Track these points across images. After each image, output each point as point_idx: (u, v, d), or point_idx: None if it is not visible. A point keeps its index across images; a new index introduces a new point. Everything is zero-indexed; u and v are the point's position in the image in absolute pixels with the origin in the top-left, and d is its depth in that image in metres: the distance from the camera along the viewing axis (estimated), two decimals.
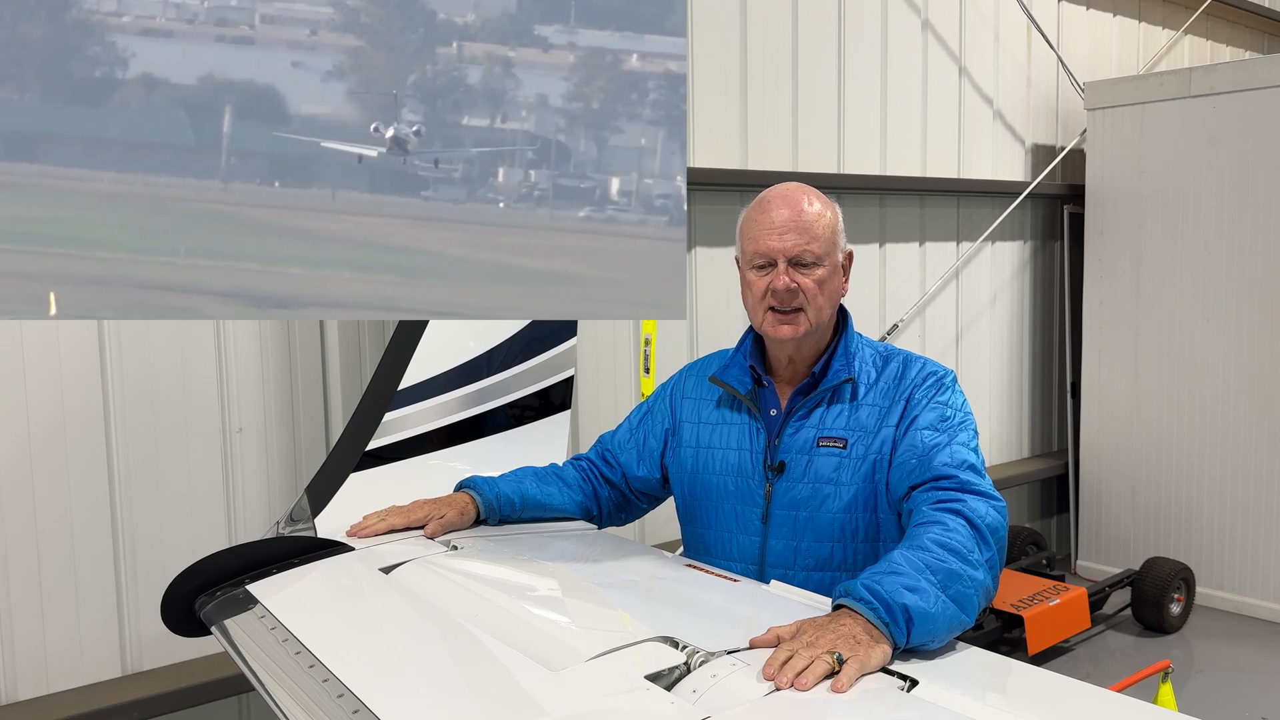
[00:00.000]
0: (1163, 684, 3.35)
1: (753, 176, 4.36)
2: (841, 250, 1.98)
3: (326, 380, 3.41)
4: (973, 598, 1.58)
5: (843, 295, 2.01)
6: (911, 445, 1.87)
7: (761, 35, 4.54)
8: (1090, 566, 5.85)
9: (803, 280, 1.91)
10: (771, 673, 1.35)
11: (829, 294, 1.95)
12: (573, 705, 1.32)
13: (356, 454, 2.32)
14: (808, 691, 1.33)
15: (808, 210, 1.92)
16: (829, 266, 1.93)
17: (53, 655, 2.93)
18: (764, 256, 1.92)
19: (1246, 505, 5.28)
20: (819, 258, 1.91)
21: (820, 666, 1.36)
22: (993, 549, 1.69)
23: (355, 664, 1.50)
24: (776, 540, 1.98)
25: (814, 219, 1.92)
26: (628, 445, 2.26)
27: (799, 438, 1.98)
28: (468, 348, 2.49)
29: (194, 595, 1.93)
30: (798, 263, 1.91)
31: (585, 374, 4.02)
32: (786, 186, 1.98)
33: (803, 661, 1.36)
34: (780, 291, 1.90)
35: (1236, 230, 5.20)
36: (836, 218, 1.97)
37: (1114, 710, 1.33)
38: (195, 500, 3.15)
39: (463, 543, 2.05)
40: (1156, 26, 6.78)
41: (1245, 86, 5.14)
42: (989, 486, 1.79)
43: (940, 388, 1.94)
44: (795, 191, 1.96)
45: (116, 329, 2.98)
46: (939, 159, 5.42)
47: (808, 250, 1.90)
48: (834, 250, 1.95)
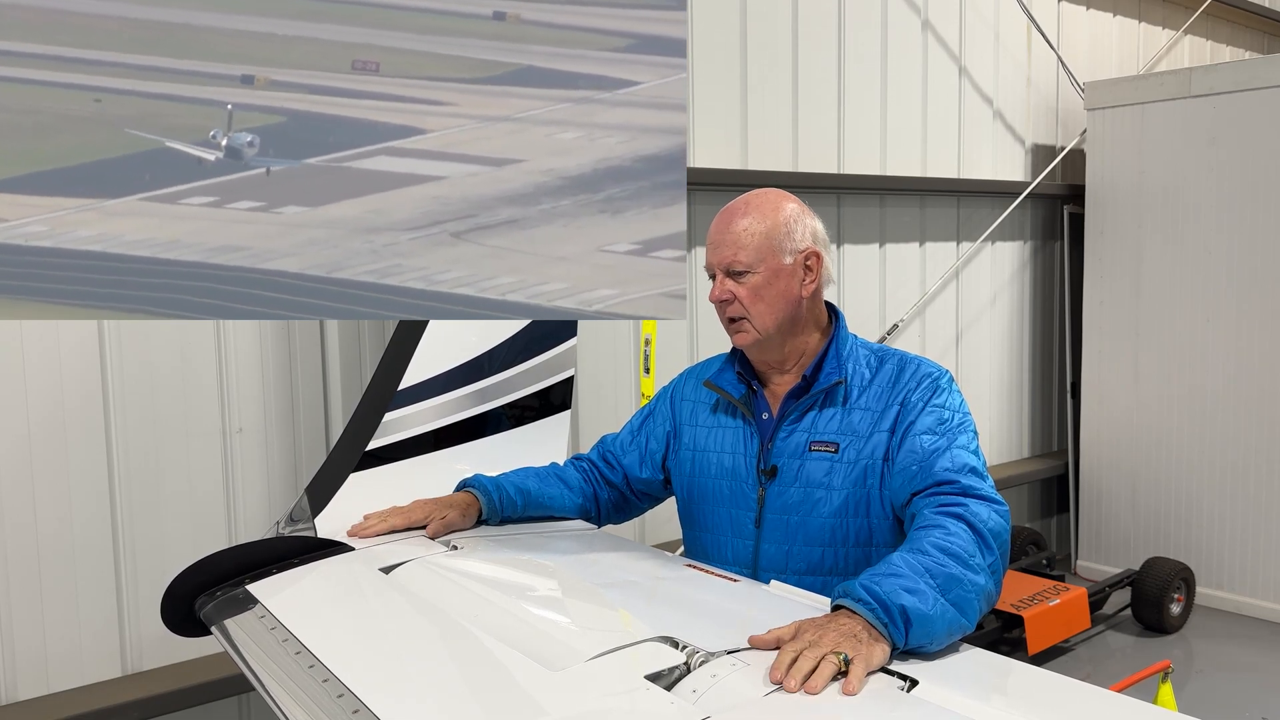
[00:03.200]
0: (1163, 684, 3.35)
1: (753, 177, 4.36)
2: (789, 254, 1.95)
3: (326, 380, 3.41)
4: (973, 602, 1.58)
5: (801, 297, 1.98)
6: (911, 451, 1.86)
7: (761, 35, 4.55)
8: (1090, 566, 5.86)
9: (737, 289, 1.96)
10: (779, 676, 1.35)
11: (771, 299, 1.95)
12: (573, 705, 1.32)
13: (356, 454, 2.32)
14: (818, 694, 1.32)
15: (737, 224, 1.96)
16: (764, 273, 1.94)
17: (53, 655, 2.93)
18: (710, 268, 2.02)
19: (1246, 505, 5.28)
20: (749, 265, 1.94)
21: (828, 668, 1.35)
22: (995, 554, 1.68)
23: (355, 664, 1.50)
24: (769, 544, 1.98)
25: (740, 231, 1.95)
26: (630, 447, 2.27)
27: (791, 441, 1.98)
28: (468, 348, 2.49)
29: (194, 595, 1.93)
30: (731, 273, 1.97)
31: (585, 374, 4.02)
32: (741, 196, 2.02)
33: (809, 663, 1.36)
34: (715, 302, 2.00)
35: (1236, 230, 5.20)
36: (776, 225, 1.95)
37: (1114, 710, 1.33)
38: (195, 500, 3.15)
39: (463, 543, 2.05)
40: (1156, 26, 6.79)
41: (1245, 86, 5.14)
42: (991, 489, 1.79)
43: (936, 389, 1.93)
44: (738, 203, 2.01)
45: (116, 329, 2.98)
46: (939, 159, 5.42)
47: (736, 260, 1.95)
48: (769, 255, 1.94)
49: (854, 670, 1.36)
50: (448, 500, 2.15)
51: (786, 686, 1.33)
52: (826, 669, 1.35)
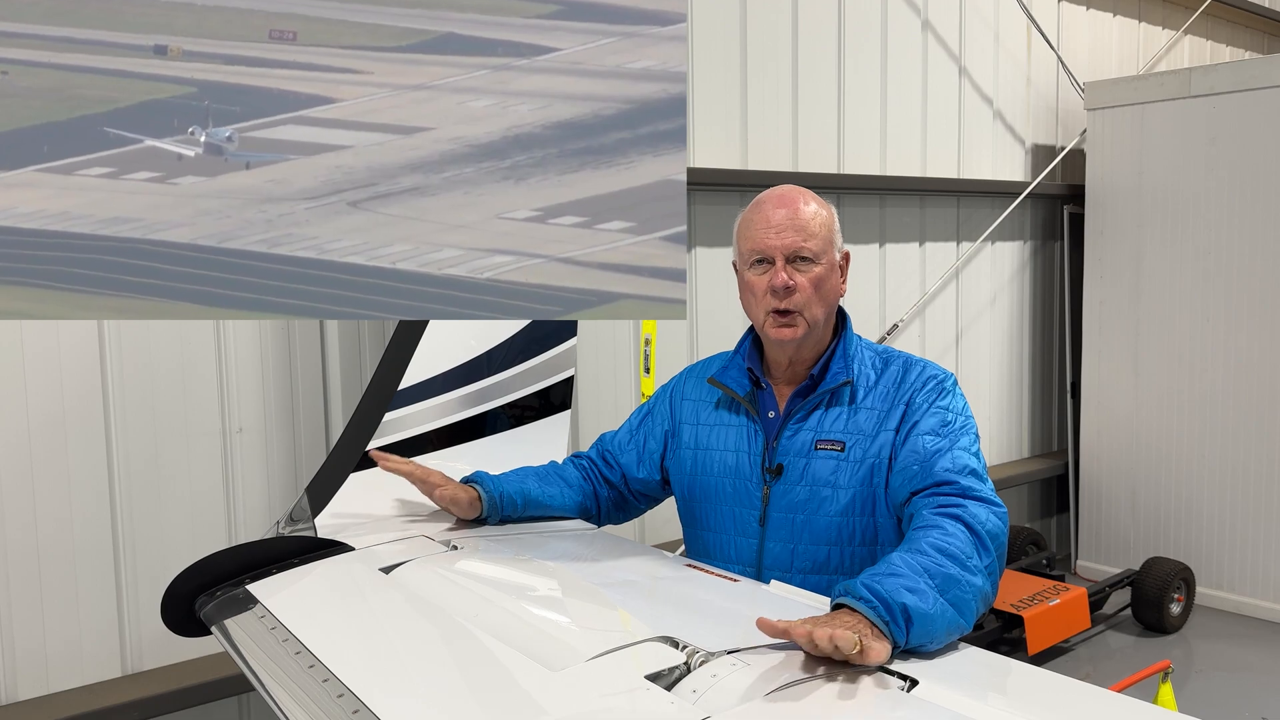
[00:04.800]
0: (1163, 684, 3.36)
1: (753, 176, 4.36)
2: (838, 250, 1.99)
3: (326, 380, 3.41)
4: (971, 603, 1.58)
5: (840, 296, 2.01)
6: (913, 450, 1.86)
7: (761, 35, 4.55)
8: (1090, 566, 5.86)
9: (799, 278, 1.92)
10: (806, 642, 1.37)
11: (825, 293, 1.95)
12: (573, 705, 1.32)
13: (356, 454, 2.32)
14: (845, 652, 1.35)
15: (804, 209, 1.94)
16: (825, 265, 1.94)
17: (53, 655, 2.93)
18: (762, 254, 1.94)
19: (1246, 505, 5.28)
20: (815, 255, 1.92)
21: (850, 636, 1.36)
22: (992, 555, 1.68)
23: (355, 664, 1.50)
24: (774, 543, 1.98)
25: (810, 217, 1.94)
26: (628, 446, 2.27)
27: (797, 440, 1.98)
28: (468, 347, 2.49)
29: (194, 595, 1.93)
30: (794, 259, 1.92)
31: (585, 374, 4.02)
32: (783, 188, 2.00)
33: (828, 630, 1.37)
34: (779, 289, 1.91)
35: (1236, 230, 5.21)
36: (832, 217, 1.99)
37: (1114, 710, 1.32)
38: (195, 500, 3.15)
39: (463, 543, 2.05)
40: (1156, 26, 6.79)
41: (1245, 86, 5.14)
42: (990, 492, 1.79)
43: (941, 391, 1.93)
44: (791, 192, 1.97)
45: (116, 329, 2.98)
46: (939, 159, 5.42)
47: (805, 247, 1.91)
48: (830, 249, 1.96)
49: (871, 646, 1.38)
50: (460, 485, 2.15)
51: (816, 639, 1.35)
52: (848, 634, 1.36)
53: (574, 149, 1.73)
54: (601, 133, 1.75)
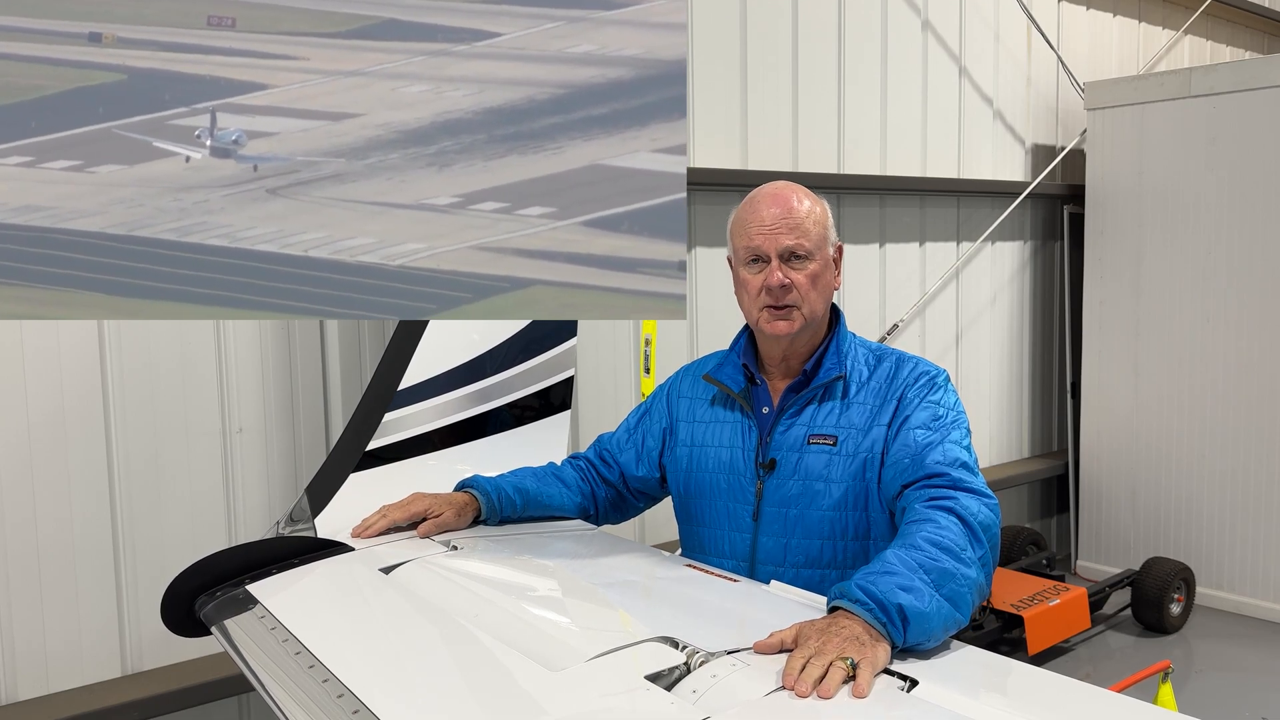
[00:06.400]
0: (1163, 684, 3.35)
1: (753, 177, 4.36)
2: (832, 244, 2.00)
3: (326, 380, 3.41)
4: (966, 596, 1.59)
5: (836, 289, 2.03)
6: (904, 444, 1.87)
7: (761, 35, 4.55)
8: (1090, 566, 5.86)
9: (795, 276, 1.93)
10: (791, 683, 1.34)
11: (821, 289, 1.97)
12: (573, 705, 1.32)
13: (356, 454, 2.32)
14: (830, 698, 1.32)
15: (798, 207, 1.95)
16: (820, 261, 1.95)
17: (53, 655, 2.93)
18: (757, 252, 1.95)
19: (1246, 505, 5.28)
20: (810, 253, 1.93)
21: (837, 674, 1.35)
22: (985, 546, 1.69)
23: (355, 664, 1.50)
24: (767, 537, 1.99)
25: (804, 215, 1.94)
26: (626, 445, 2.27)
27: (790, 435, 1.98)
28: (468, 347, 2.49)
29: (194, 595, 1.93)
30: (790, 257, 1.93)
31: (585, 374, 4.02)
32: (775, 185, 2.00)
33: (818, 670, 1.35)
34: (774, 288, 1.92)
35: (1236, 230, 5.21)
36: (826, 213, 2.00)
37: (1114, 710, 1.33)
38: (195, 500, 3.15)
39: (462, 543, 2.05)
40: (1156, 26, 6.79)
41: (1245, 86, 5.14)
42: (982, 484, 1.80)
43: (933, 387, 1.95)
44: (784, 190, 1.98)
45: (116, 329, 2.98)
46: (939, 159, 5.42)
47: (800, 245, 1.92)
48: (825, 245, 1.97)
49: (861, 674, 1.36)
50: (445, 497, 2.14)
51: (799, 692, 1.33)
52: (836, 674, 1.35)
53: (502, 135, 1.70)
54: (533, 118, 1.71)
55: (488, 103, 1.71)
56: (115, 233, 1.60)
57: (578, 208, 1.68)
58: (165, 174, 1.64)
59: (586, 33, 1.74)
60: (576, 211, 1.67)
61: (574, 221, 1.68)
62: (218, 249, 1.61)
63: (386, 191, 1.67)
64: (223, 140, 1.65)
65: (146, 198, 1.62)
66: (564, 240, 1.66)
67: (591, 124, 1.71)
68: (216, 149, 1.65)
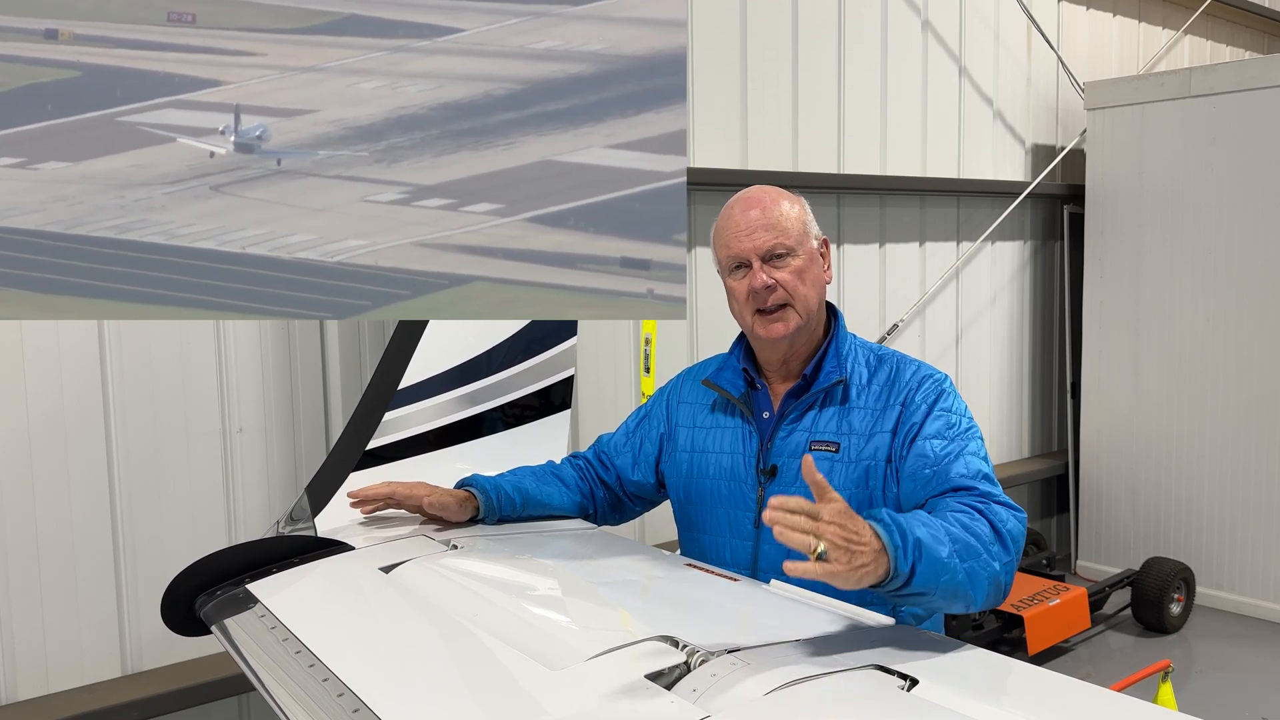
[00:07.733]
0: (1163, 684, 3.35)
1: (753, 177, 4.35)
2: (815, 238, 1.99)
3: (326, 380, 3.41)
4: (983, 579, 1.60)
5: (827, 282, 2.01)
6: (922, 455, 1.85)
7: (761, 35, 4.55)
8: (1090, 566, 5.86)
9: (780, 275, 1.92)
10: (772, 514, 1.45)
11: (811, 283, 1.95)
12: (573, 705, 1.32)
13: (356, 454, 2.32)
14: None
15: (773, 207, 1.95)
16: (804, 256, 1.94)
17: (53, 655, 2.93)
18: (738, 259, 1.95)
19: (1246, 505, 5.28)
20: (792, 249, 1.93)
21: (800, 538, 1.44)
22: (1011, 555, 1.69)
23: (355, 663, 1.50)
24: (769, 545, 1.96)
25: (780, 214, 1.94)
26: (624, 449, 2.26)
27: (791, 441, 1.97)
28: (468, 347, 2.49)
29: (194, 594, 1.94)
30: (772, 258, 1.92)
31: (585, 374, 4.02)
32: (749, 190, 2.01)
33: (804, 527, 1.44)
34: (759, 290, 1.92)
35: (1236, 230, 5.21)
36: (804, 209, 2.00)
37: (1114, 710, 1.33)
38: (195, 500, 3.15)
39: (462, 542, 2.05)
40: (1156, 26, 6.79)
41: (1245, 86, 5.14)
42: (1006, 497, 1.80)
43: (941, 393, 1.92)
44: (757, 192, 1.99)
45: (116, 329, 2.98)
46: (939, 159, 5.42)
47: (780, 243, 1.92)
48: (806, 239, 1.96)
49: (818, 566, 1.43)
50: (447, 489, 2.15)
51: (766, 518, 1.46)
52: (797, 537, 1.44)
53: (455, 130, 1.68)
54: (487, 114, 1.69)
55: (445, 98, 1.69)
56: (52, 230, 1.58)
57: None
58: (108, 171, 1.62)
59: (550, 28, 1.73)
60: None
61: (520, 218, 1.66)
62: (153, 246, 1.59)
63: (331, 187, 1.65)
64: (246, 136, 1.65)
65: (87, 195, 1.61)
66: (506, 236, 1.64)
67: (545, 120, 1.69)
68: (240, 144, 1.64)
